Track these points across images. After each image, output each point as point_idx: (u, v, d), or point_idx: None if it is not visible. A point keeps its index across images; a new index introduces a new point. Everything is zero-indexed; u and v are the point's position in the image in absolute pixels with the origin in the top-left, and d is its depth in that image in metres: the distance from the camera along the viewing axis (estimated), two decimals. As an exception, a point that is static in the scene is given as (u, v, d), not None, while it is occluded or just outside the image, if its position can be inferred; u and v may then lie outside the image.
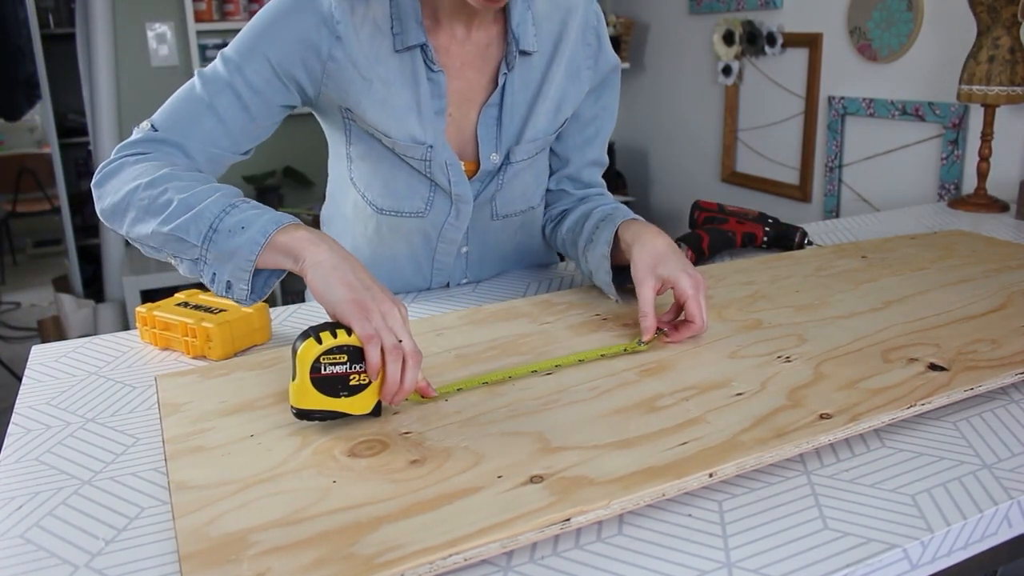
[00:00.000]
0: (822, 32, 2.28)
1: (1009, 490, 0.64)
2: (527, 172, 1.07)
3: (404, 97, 0.96)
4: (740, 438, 0.68)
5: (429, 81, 0.97)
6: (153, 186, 0.84)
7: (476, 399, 0.77)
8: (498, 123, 1.02)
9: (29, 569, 0.57)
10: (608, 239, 0.97)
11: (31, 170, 4.88)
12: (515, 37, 0.99)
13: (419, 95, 0.97)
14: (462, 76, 1.00)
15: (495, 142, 1.03)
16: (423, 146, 0.98)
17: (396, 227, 1.06)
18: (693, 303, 0.86)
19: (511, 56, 0.99)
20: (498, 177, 1.05)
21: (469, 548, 0.55)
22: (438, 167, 1.00)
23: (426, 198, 1.03)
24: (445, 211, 1.05)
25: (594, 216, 1.04)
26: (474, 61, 1.00)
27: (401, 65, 0.96)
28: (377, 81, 0.95)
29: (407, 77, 0.96)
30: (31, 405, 0.83)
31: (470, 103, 1.01)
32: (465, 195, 1.03)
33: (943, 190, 1.94)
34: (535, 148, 1.05)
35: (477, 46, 1.00)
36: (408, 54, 0.96)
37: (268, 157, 3.42)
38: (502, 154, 1.03)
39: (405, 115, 0.97)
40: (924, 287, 1.06)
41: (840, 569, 0.55)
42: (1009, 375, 0.80)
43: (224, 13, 3.18)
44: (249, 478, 0.64)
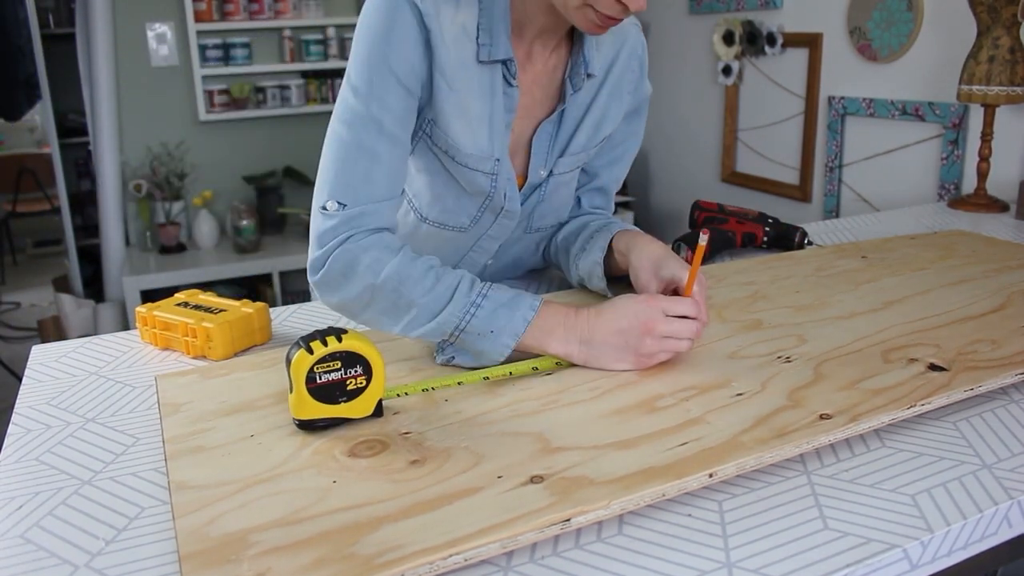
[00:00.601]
0: (822, 32, 2.28)
1: (1009, 490, 0.64)
2: (564, 188, 1.09)
3: (479, 108, 0.95)
4: (740, 438, 0.68)
5: (504, 95, 0.96)
6: (390, 289, 0.85)
7: (476, 399, 0.77)
8: (553, 140, 1.03)
9: (29, 569, 0.57)
10: (603, 246, 1.00)
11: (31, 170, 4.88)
12: (586, 60, 0.99)
13: (492, 108, 0.95)
14: (529, 93, 1.00)
15: (546, 157, 1.03)
16: (492, 160, 0.97)
17: (434, 235, 1.06)
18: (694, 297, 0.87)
19: (578, 79, 0.99)
20: (540, 190, 1.06)
21: (469, 548, 0.55)
22: (503, 182, 0.99)
23: (472, 216, 1.03)
24: (486, 227, 1.05)
25: (589, 228, 1.07)
26: (541, 80, 1.01)
27: (481, 76, 0.93)
28: (459, 86, 0.93)
29: (485, 89, 0.94)
30: (31, 405, 0.83)
31: (530, 119, 1.02)
32: (514, 211, 1.03)
33: (943, 190, 1.94)
34: (576, 162, 1.06)
35: (547, 66, 1.00)
36: (490, 66, 0.94)
37: (268, 157, 3.42)
38: (548, 168, 1.04)
39: (479, 127, 0.95)
40: (924, 287, 1.06)
41: (840, 569, 0.55)
42: (1009, 375, 0.80)
43: (224, 13, 3.18)
44: (249, 478, 0.64)
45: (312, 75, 3.38)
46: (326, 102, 3.40)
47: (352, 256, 0.86)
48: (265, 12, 3.22)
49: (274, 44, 3.34)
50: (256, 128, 3.40)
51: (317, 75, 3.38)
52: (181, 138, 3.29)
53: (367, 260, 0.86)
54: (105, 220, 3.16)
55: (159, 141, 3.26)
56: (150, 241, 3.23)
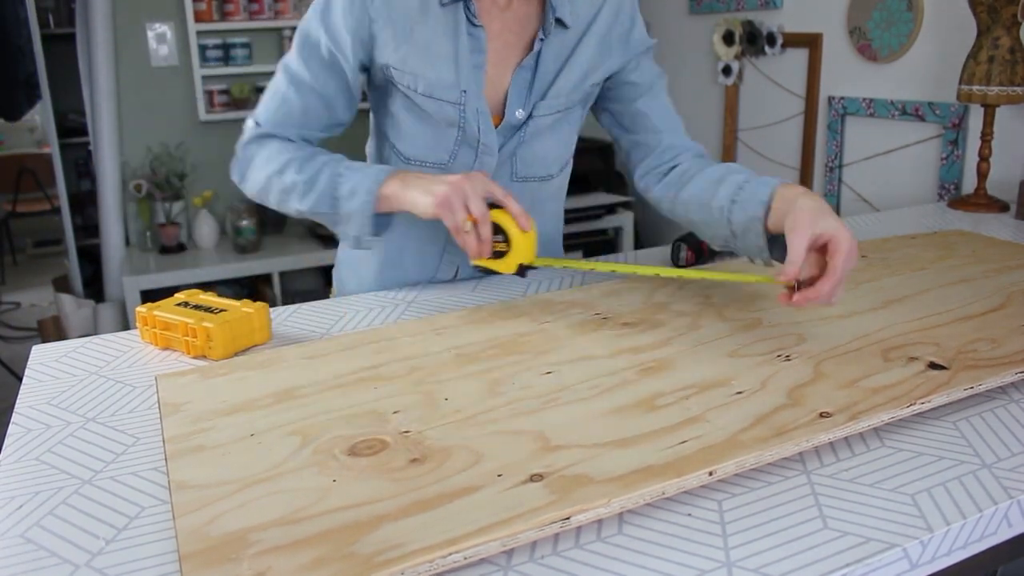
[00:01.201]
0: (822, 32, 2.28)
1: (1009, 490, 0.64)
2: (548, 135, 1.14)
3: (444, 48, 1.05)
4: (740, 437, 0.68)
5: (469, 36, 1.05)
6: (280, 173, 1.04)
7: (476, 398, 0.77)
8: (529, 85, 1.10)
9: (29, 569, 0.57)
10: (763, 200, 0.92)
11: (31, 170, 4.87)
12: (552, 7, 1.07)
13: (458, 47, 1.05)
14: (500, 38, 1.08)
15: (523, 101, 1.10)
16: (457, 90, 1.06)
17: None
18: (842, 258, 0.81)
19: (548, 25, 1.07)
20: (520, 133, 1.11)
21: (469, 547, 0.55)
22: (471, 113, 1.07)
23: (450, 150, 1.10)
24: (468, 164, 1.11)
25: (729, 181, 0.99)
26: (512, 27, 1.09)
27: (444, 17, 1.04)
28: (417, 31, 1.04)
29: (448, 29, 1.04)
30: (31, 405, 0.83)
31: (504, 64, 1.09)
32: (491, 145, 1.09)
33: (943, 190, 1.94)
34: (557, 106, 1.11)
35: (516, 15, 1.09)
36: (451, 8, 1.04)
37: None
38: (527, 111, 1.10)
39: (443, 62, 1.05)
40: (924, 287, 1.06)
41: (840, 569, 0.55)
42: (1009, 374, 0.80)
43: (224, 13, 3.18)
44: (249, 478, 0.64)
45: (312, 75, 3.38)
46: (326, 102, 3.40)
47: (253, 153, 1.08)
48: (265, 12, 3.22)
49: (274, 44, 3.34)
50: (256, 128, 3.39)
51: (317, 75, 3.38)
52: (181, 138, 3.29)
53: (263, 154, 1.07)
54: (105, 220, 3.16)
55: (159, 141, 3.26)
56: (150, 241, 3.23)
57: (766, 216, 0.92)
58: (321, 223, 1.07)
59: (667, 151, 1.14)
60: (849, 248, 0.82)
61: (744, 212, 0.94)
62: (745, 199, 0.94)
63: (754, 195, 0.94)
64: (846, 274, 0.82)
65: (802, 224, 0.83)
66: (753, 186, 0.95)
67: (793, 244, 0.82)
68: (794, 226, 0.83)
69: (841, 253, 0.81)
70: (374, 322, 1.03)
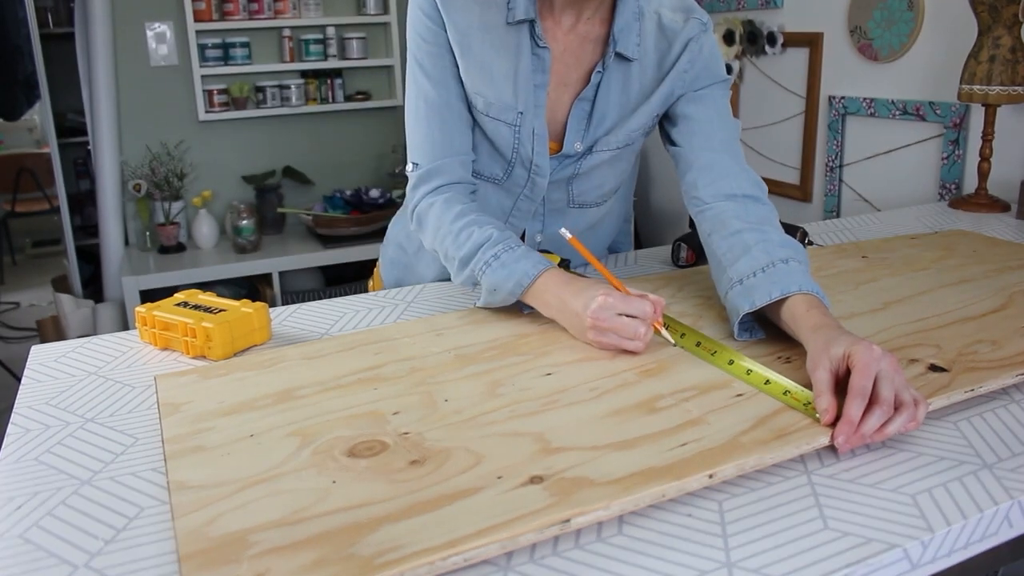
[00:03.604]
0: (823, 32, 2.28)
1: (1009, 490, 0.64)
2: (607, 166, 1.13)
3: (504, 66, 1.04)
4: (740, 439, 0.68)
5: (533, 56, 1.05)
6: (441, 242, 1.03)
7: (476, 399, 0.77)
8: (588, 118, 1.08)
9: (29, 569, 0.57)
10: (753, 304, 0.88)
11: (30, 170, 4.87)
12: (614, 39, 1.04)
13: (519, 66, 1.05)
14: (561, 61, 1.07)
15: (582, 133, 1.09)
16: (514, 111, 1.06)
17: (481, 188, 1.13)
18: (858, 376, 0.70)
19: (608, 56, 1.05)
20: (577, 163, 1.11)
21: (469, 548, 0.55)
22: (526, 133, 1.07)
23: (505, 168, 1.11)
24: (521, 183, 1.11)
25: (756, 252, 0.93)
26: (575, 51, 1.07)
27: (507, 37, 1.04)
28: (476, 47, 1.04)
29: (510, 49, 1.04)
30: (30, 405, 0.82)
31: (565, 88, 1.08)
32: (543, 167, 1.09)
33: (943, 190, 1.94)
34: (618, 143, 1.10)
35: (580, 38, 1.06)
36: (516, 28, 1.04)
37: (268, 157, 3.42)
38: (586, 145, 1.09)
39: (502, 82, 1.05)
40: (924, 287, 1.06)
41: (840, 569, 0.55)
42: (1010, 376, 0.80)
43: (223, 13, 3.18)
44: (249, 478, 0.64)
45: (312, 75, 3.38)
46: (326, 102, 3.40)
47: (424, 211, 1.06)
48: (265, 12, 3.22)
49: (274, 44, 3.33)
50: (256, 128, 3.39)
51: (317, 75, 3.38)
52: (181, 138, 3.29)
53: (432, 215, 1.05)
54: (104, 220, 3.16)
55: (159, 141, 3.26)
56: (149, 241, 3.23)
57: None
58: None
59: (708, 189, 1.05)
60: (866, 361, 0.70)
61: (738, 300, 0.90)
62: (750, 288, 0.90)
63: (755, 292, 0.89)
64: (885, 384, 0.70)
65: (818, 359, 0.75)
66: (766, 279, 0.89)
67: (817, 381, 0.74)
68: (814, 362, 0.76)
69: (858, 367, 0.71)
70: (374, 322, 1.03)
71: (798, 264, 0.90)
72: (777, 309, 0.88)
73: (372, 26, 3.45)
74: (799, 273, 0.89)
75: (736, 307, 0.90)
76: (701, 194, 1.05)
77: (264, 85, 3.31)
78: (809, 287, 0.87)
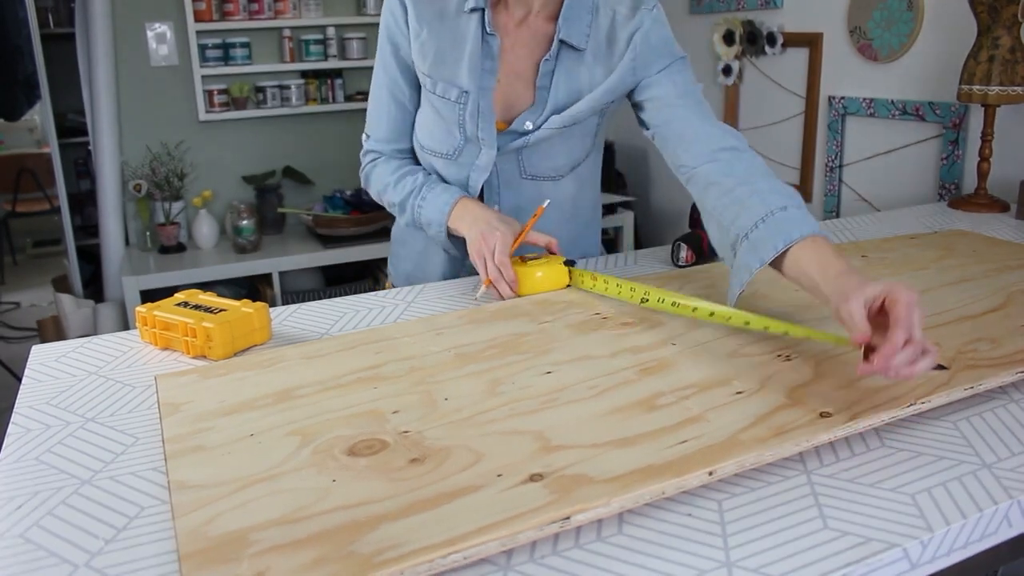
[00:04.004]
0: (822, 32, 2.28)
1: (1009, 489, 0.64)
2: (556, 141, 1.20)
3: (456, 51, 1.15)
4: (740, 436, 0.68)
5: (484, 43, 1.15)
6: (383, 193, 1.26)
7: (476, 398, 0.77)
8: (544, 103, 1.17)
9: (29, 568, 0.57)
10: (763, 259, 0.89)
11: (31, 170, 4.87)
12: (559, 28, 1.13)
13: (469, 51, 1.14)
14: (513, 52, 1.17)
15: (536, 116, 1.17)
16: (460, 90, 1.15)
17: (438, 167, 1.24)
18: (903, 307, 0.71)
19: (553, 47, 1.14)
20: (525, 137, 1.18)
21: (469, 547, 0.55)
22: (470, 113, 1.16)
23: (456, 144, 1.20)
24: (472, 156, 1.20)
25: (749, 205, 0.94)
26: (526, 43, 1.17)
27: (460, 25, 1.15)
28: (436, 32, 1.15)
29: (463, 35, 1.15)
30: (31, 405, 0.83)
31: (517, 76, 1.18)
32: (488, 139, 1.17)
33: (943, 190, 1.94)
34: (565, 122, 1.17)
35: (531, 32, 1.16)
36: (467, 16, 1.14)
37: (268, 157, 3.42)
38: (536, 125, 1.17)
39: (452, 64, 1.15)
40: (924, 287, 1.06)
41: (840, 568, 0.55)
42: (1009, 374, 0.80)
43: (224, 13, 3.18)
44: (249, 478, 0.64)
45: (312, 75, 3.38)
46: (326, 102, 3.40)
47: (370, 171, 1.28)
48: (265, 12, 3.22)
49: (274, 44, 3.33)
50: (256, 128, 3.39)
51: (317, 75, 3.38)
52: (181, 138, 3.29)
53: (375, 174, 1.27)
54: (105, 220, 3.16)
55: (159, 141, 3.26)
56: (150, 241, 3.23)
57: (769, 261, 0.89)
58: None
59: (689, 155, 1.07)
60: (908, 297, 0.72)
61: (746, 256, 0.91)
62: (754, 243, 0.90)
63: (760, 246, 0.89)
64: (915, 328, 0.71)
65: (853, 293, 0.75)
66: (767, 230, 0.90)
67: (852, 311, 0.74)
68: (846, 296, 0.76)
69: (901, 302, 0.71)
70: (374, 322, 1.03)
71: (796, 209, 0.91)
72: (781, 258, 0.88)
73: (372, 26, 3.45)
74: (798, 219, 0.89)
75: (747, 264, 0.90)
76: (684, 161, 1.08)
77: (264, 85, 3.31)
78: (811, 229, 0.88)
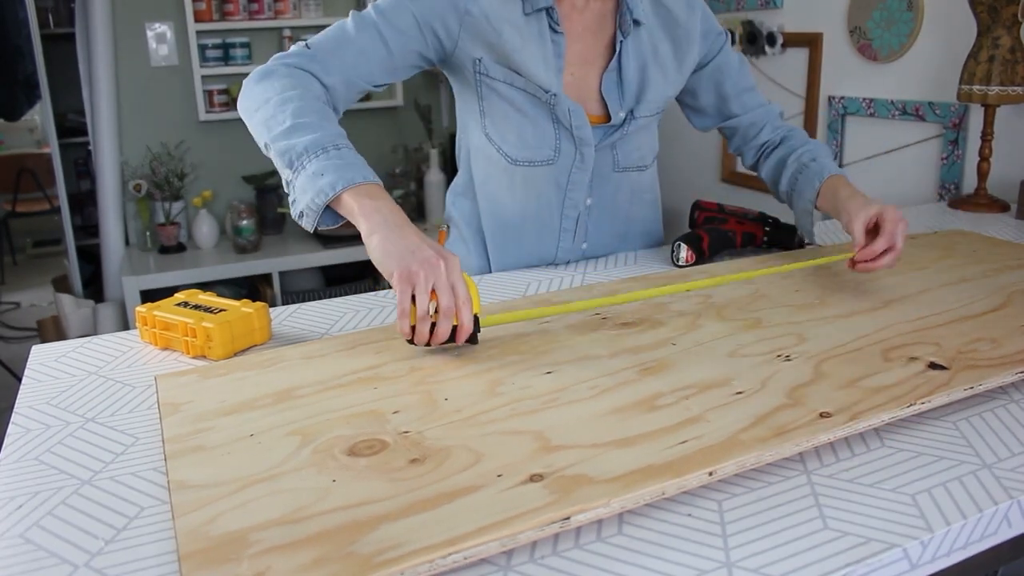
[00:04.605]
0: (822, 32, 2.28)
1: (1009, 490, 0.64)
2: (645, 131, 1.25)
3: (533, 51, 1.12)
4: (740, 437, 0.68)
5: (552, 42, 1.14)
6: (280, 104, 0.98)
7: (476, 398, 0.77)
8: (619, 86, 1.19)
9: (29, 569, 0.57)
10: (811, 198, 1.18)
11: (31, 170, 4.87)
12: (629, 8, 1.15)
13: (545, 52, 1.13)
14: (581, 40, 1.17)
15: (619, 101, 1.19)
16: (548, 93, 1.14)
17: (530, 179, 1.21)
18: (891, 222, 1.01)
19: (626, 25, 1.16)
20: (622, 129, 1.21)
21: (469, 547, 0.55)
22: (562, 112, 1.16)
23: (554, 145, 1.19)
24: (571, 156, 1.20)
25: (789, 165, 1.25)
26: (591, 27, 1.17)
27: (528, 26, 1.12)
28: (507, 34, 1.11)
29: (534, 36, 1.12)
30: (31, 405, 0.83)
31: (589, 65, 1.18)
32: (587, 138, 1.18)
33: (943, 190, 1.94)
34: (654, 108, 1.22)
35: (594, 15, 1.17)
36: (535, 16, 1.12)
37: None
38: (626, 110, 1.20)
39: (532, 67, 1.13)
40: (924, 287, 1.06)
41: (840, 569, 0.55)
42: (1009, 374, 0.80)
43: (224, 13, 3.18)
44: (249, 477, 0.64)
45: (312, 75, 3.38)
46: (326, 102, 3.40)
47: (280, 72, 1.03)
48: (265, 12, 3.22)
49: (274, 44, 3.33)
50: (256, 128, 3.39)
51: (317, 75, 3.38)
52: (181, 138, 3.29)
53: (287, 80, 1.01)
54: (105, 220, 3.16)
55: (159, 141, 3.26)
56: (150, 241, 3.23)
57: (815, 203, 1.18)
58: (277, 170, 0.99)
59: (748, 131, 1.32)
60: (895, 216, 1.01)
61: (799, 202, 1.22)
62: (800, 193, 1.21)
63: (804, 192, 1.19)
64: (898, 238, 1.00)
65: (856, 214, 1.05)
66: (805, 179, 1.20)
67: (854, 230, 1.04)
68: (850, 218, 1.06)
69: (890, 220, 1.01)
70: (374, 322, 1.03)
71: (823, 158, 1.22)
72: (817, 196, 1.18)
73: (372, 26, 3.45)
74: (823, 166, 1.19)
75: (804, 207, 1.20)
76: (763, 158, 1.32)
77: (264, 85, 3.31)
78: (830, 171, 1.18)
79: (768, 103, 1.33)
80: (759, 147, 1.32)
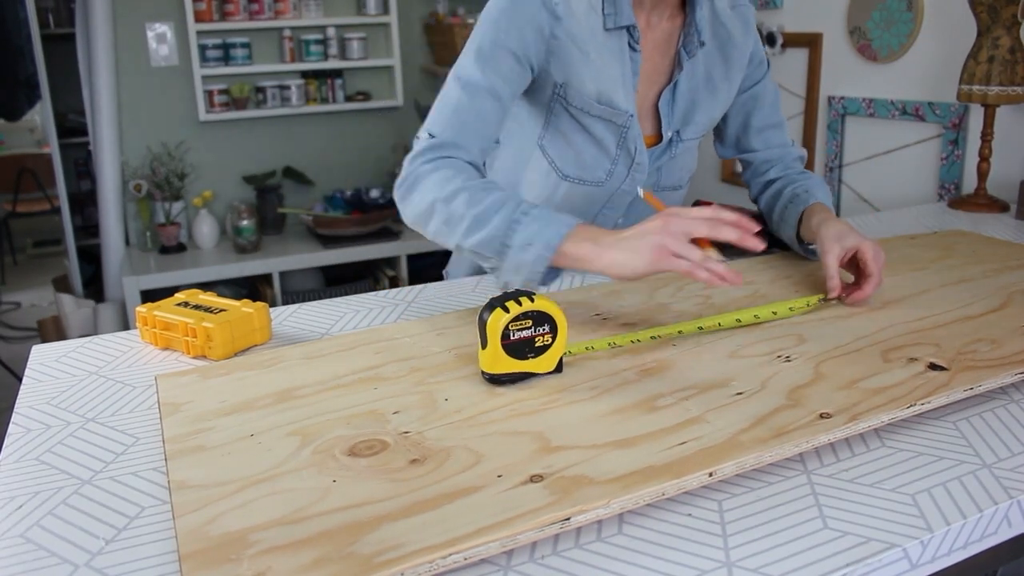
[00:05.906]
0: (822, 32, 2.28)
1: (1009, 490, 0.64)
2: (687, 153, 1.23)
3: (614, 71, 1.09)
4: (740, 438, 0.68)
5: (631, 60, 1.10)
6: (448, 201, 0.96)
7: (476, 398, 0.77)
8: (672, 104, 1.16)
9: (29, 569, 0.57)
10: (793, 224, 1.16)
11: (31, 170, 4.87)
12: (698, 29, 1.11)
13: (624, 71, 1.10)
14: (650, 59, 1.14)
15: (670, 121, 1.17)
16: (626, 115, 1.11)
17: (573, 192, 1.18)
18: (873, 262, 0.98)
19: (692, 45, 1.12)
20: (669, 151, 1.19)
21: (469, 547, 0.55)
22: (633, 134, 1.14)
23: (608, 169, 1.16)
24: (620, 180, 1.18)
25: (783, 197, 1.21)
26: (659, 46, 1.14)
27: (609, 42, 1.08)
28: (593, 54, 1.07)
29: (615, 53, 1.09)
30: (31, 405, 0.83)
31: (652, 83, 1.15)
32: (644, 164, 1.17)
33: (943, 190, 1.94)
34: (700, 130, 1.20)
35: (664, 33, 1.14)
36: (617, 33, 1.08)
37: (268, 157, 3.42)
38: (673, 129, 1.17)
39: (614, 86, 1.09)
40: (924, 287, 1.06)
41: (840, 569, 0.55)
42: (1009, 375, 0.80)
43: (224, 13, 3.18)
44: (249, 478, 0.64)
45: (312, 75, 3.38)
46: (326, 102, 3.40)
47: (424, 173, 1.00)
48: (265, 12, 3.22)
49: (274, 44, 3.34)
50: (256, 128, 3.40)
51: (317, 75, 3.38)
52: (181, 138, 3.29)
53: (435, 177, 0.99)
54: (105, 220, 3.16)
55: (159, 141, 3.26)
56: (150, 241, 3.23)
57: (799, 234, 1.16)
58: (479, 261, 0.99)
59: (760, 166, 1.29)
60: (875, 252, 0.98)
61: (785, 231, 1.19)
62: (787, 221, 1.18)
63: (788, 222, 1.17)
64: (879, 271, 0.98)
65: (829, 245, 1.01)
66: (792, 209, 1.17)
67: (827, 263, 1.00)
68: (824, 248, 1.01)
69: (872, 261, 0.98)
70: (374, 322, 1.03)
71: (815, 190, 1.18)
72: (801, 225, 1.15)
73: (372, 26, 3.45)
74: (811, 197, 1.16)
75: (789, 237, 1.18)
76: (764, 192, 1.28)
77: (264, 85, 3.31)
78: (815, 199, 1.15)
79: (791, 144, 1.29)
80: (764, 184, 1.28)
